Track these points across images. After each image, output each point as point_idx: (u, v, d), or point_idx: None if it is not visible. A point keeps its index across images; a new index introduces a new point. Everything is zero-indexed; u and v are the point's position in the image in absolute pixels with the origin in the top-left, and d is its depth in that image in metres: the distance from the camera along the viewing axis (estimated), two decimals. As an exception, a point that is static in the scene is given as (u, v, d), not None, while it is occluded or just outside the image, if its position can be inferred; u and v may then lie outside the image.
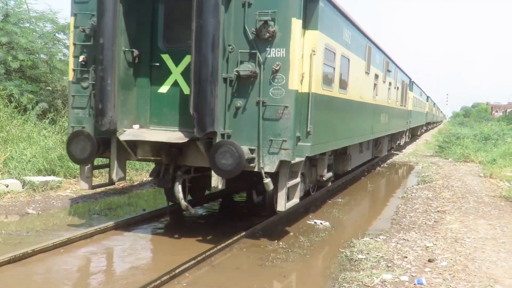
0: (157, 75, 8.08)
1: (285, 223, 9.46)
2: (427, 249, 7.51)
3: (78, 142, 7.78)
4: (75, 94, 8.14)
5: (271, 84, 7.39)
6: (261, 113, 7.41)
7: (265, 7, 7.29)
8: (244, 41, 7.44)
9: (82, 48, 8.04)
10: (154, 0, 8.01)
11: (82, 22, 7.96)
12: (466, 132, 28.50)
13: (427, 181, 14.86)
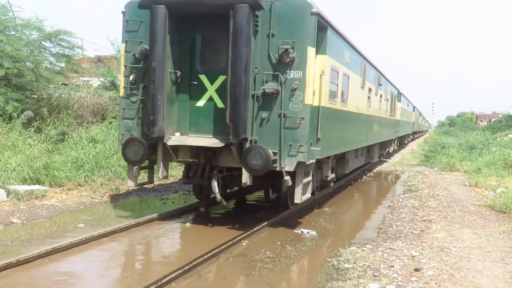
0: (195, 92, 9.63)
1: (273, 233, 9.47)
2: (413, 258, 7.54)
3: (132, 147, 9.28)
4: (125, 107, 9.78)
5: (290, 99, 8.97)
6: (282, 123, 8.98)
7: (286, 38, 8.90)
8: (269, 65, 9.02)
9: (132, 69, 9.68)
10: (193, 31, 9.59)
11: (132, 48, 9.62)
12: (451, 142, 28.70)
13: (413, 190, 14.92)
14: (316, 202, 12.75)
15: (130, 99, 9.75)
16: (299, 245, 8.53)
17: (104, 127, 16.45)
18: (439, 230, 9.47)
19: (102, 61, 28.20)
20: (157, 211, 10.30)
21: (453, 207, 12.03)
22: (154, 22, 8.92)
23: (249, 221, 9.94)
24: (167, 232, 9.30)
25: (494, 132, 48.78)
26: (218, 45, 9.52)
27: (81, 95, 18.12)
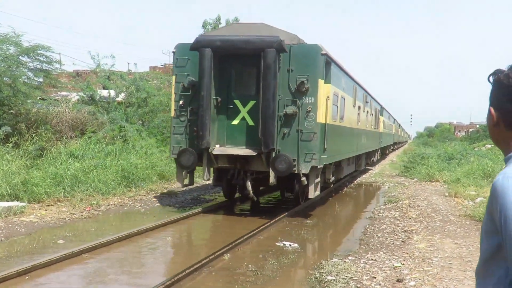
0: (231, 113, 12.21)
1: (254, 245, 9.45)
2: (395, 269, 7.57)
3: (185, 155, 11.87)
4: (175, 125, 12.40)
5: (305, 119, 11.61)
6: (299, 137, 11.62)
7: (302, 72, 11.56)
8: (288, 93, 11.68)
9: (181, 96, 12.29)
10: (229, 67, 12.15)
11: (181, 79, 12.27)
12: (430, 152, 29.01)
13: (393, 201, 15.01)
14: (297, 215, 12.76)
15: (179, 119, 12.35)
16: (282, 258, 8.51)
17: (83, 142, 16.32)
18: (420, 241, 9.53)
19: (81, 76, 28.05)
20: (138, 225, 10.23)
21: (434, 217, 12.13)
22: (202, 60, 11.50)
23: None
24: (154, 243, 9.24)
25: (472, 143, 49.39)
26: (248, 77, 12.26)
27: (59, 110, 17.98)
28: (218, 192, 15.48)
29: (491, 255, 1.87)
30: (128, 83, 22.65)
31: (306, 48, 11.84)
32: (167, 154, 18.00)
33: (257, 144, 11.58)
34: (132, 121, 20.85)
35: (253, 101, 11.93)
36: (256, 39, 11.36)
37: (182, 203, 13.83)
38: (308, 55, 11.74)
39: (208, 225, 11.87)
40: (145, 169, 15.73)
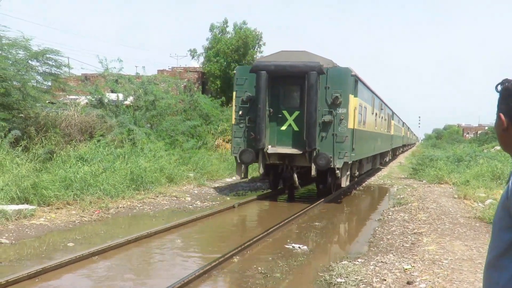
0: (280, 121, 15.27)
1: (263, 247, 9.45)
2: (405, 272, 7.54)
3: (246, 154, 14.92)
4: (235, 131, 15.51)
5: (339, 125, 14.65)
6: (334, 139, 14.67)
7: (336, 89, 14.58)
8: (326, 105, 14.66)
9: (240, 108, 15.35)
10: (278, 84, 15.03)
11: (240, 94, 15.35)
12: (439, 154, 28.84)
13: (402, 203, 14.96)
14: (306, 218, 12.75)
15: (239, 126, 15.39)
16: (291, 260, 8.51)
17: (92, 145, 16.38)
18: (430, 243, 9.49)
19: (89, 79, 28.18)
20: (148, 228, 10.25)
21: (443, 219, 12.08)
22: (259, 80, 14.55)
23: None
24: (163, 245, 9.26)
25: (481, 144, 49.17)
26: (294, 93, 15.34)
27: (68, 114, 18.06)
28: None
29: (506, 250, 1.96)
30: (136, 86, 22.72)
31: (340, 70, 15.09)
32: (176, 157, 18.31)
33: (301, 145, 14.72)
34: (141, 124, 20.91)
35: (298, 111, 15.03)
36: (302, 65, 14.43)
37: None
38: (341, 75, 14.93)
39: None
40: (154, 172, 15.76)
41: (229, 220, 12.59)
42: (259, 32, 38.18)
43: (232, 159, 18.57)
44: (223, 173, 20.57)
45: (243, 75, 15.49)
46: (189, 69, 39.66)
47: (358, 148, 16.11)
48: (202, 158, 20.57)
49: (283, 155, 15.09)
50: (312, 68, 14.24)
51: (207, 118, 26.45)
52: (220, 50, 36.77)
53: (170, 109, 23.69)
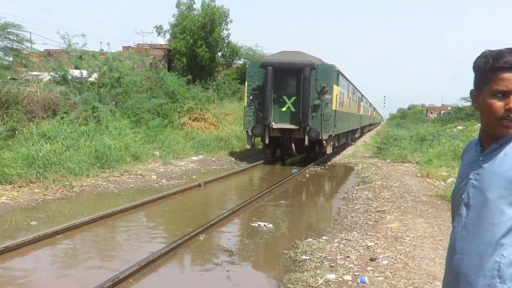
0: (281, 104, 19.58)
1: (228, 226, 9.50)
2: (368, 249, 7.67)
3: (256, 128, 19.27)
4: (247, 111, 19.84)
5: (325, 107, 19.03)
6: (322, 118, 19.02)
7: (324, 80, 18.97)
8: (316, 92, 19.00)
9: (251, 94, 19.62)
10: (280, 76, 19.21)
11: (251, 84, 19.58)
12: (403, 134, 29.24)
13: (367, 182, 15.17)
14: (271, 196, 12.83)
15: (249, 107, 19.84)
16: (257, 238, 8.57)
17: (55, 122, 16.09)
18: (393, 220, 9.67)
19: (52, 55, 27.57)
20: (113, 206, 10.17)
21: (406, 197, 12.30)
22: (266, 73, 19.05)
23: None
24: (128, 224, 9.22)
25: (443, 124, 49.94)
26: (291, 83, 19.56)
27: (31, 90, 17.65)
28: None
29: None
30: (101, 63, 22.33)
31: (326, 66, 19.93)
32: (141, 135, 18.20)
33: (297, 122, 19.31)
34: (105, 101, 20.58)
35: (294, 97, 19.47)
36: (299, 62, 19.14)
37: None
38: (327, 70, 19.68)
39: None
40: (119, 150, 15.58)
41: (195, 198, 12.57)
42: (226, 9, 37.91)
43: (199, 138, 22.64)
44: (189, 151, 20.48)
45: (253, 69, 20.13)
46: (155, 46, 39.18)
47: (338, 125, 21.13)
48: (168, 136, 20.43)
49: (284, 129, 19.66)
50: (306, 65, 19.00)
51: (173, 96, 26.21)
52: (186, 27, 36.41)
53: (136, 87, 23.38)
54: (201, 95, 29.39)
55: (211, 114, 26.83)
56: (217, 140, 23.25)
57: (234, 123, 28.73)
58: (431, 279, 6.26)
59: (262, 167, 19.14)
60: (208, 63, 37.88)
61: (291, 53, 20.05)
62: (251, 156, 21.78)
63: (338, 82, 20.50)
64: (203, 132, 24.65)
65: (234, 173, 16.65)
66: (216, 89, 35.94)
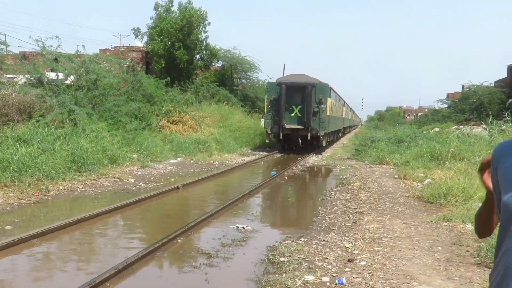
0: (291, 111, 27.44)
1: (207, 228, 9.48)
2: (346, 250, 7.72)
3: (274, 128, 27.05)
4: (267, 115, 27.87)
5: (322, 113, 27.31)
6: (320, 121, 27.20)
7: (320, 95, 27.40)
8: (315, 103, 27.16)
9: (269, 103, 27.61)
10: (290, 92, 27.14)
11: (269, 96, 27.71)
12: (380, 135, 29.48)
13: (345, 184, 15.26)
14: (250, 197, 12.83)
15: (268, 113, 27.38)
16: (235, 240, 8.57)
17: (31, 125, 15.90)
18: (371, 222, 9.74)
19: (28, 58, 27.23)
20: (90, 209, 10.08)
21: (384, 199, 12.40)
22: (281, 89, 26.87)
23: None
24: (106, 227, 9.14)
25: (420, 126, 50.33)
26: (298, 96, 27.15)
27: (5, 93, 17.44)
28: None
29: None
30: (77, 65, 22.14)
31: (323, 85, 28.08)
32: (119, 138, 18.03)
33: (302, 124, 27.15)
34: (82, 104, 20.40)
35: (300, 106, 27.39)
36: (303, 82, 27.24)
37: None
38: (323, 87, 27.96)
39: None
40: (96, 153, 15.46)
41: (173, 201, 12.53)
42: (204, 12, 37.84)
43: (177, 141, 22.90)
44: (168, 154, 20.40)
45: (271, 86, 28.47)
46: (133, 49, 38.98)
47: (330, 125, 30.16)
48: (146, 139, 20.33)
49: (293, 128, 27.49)
50: (309, 84, 27.27)
51: (151, 98, 26.07)
52: (164, 29, 36.28)
53: (113, 90, 23.20)
54: (179, 98, 29.32)
55: (189, 117, 26.80)
56: (195, 143, 23.24)
57: (213, 126, 28.73)
58: (408, 279, 6.32)
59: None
60: (186, 66, 37.80)
61: (297, 75, 28.72)
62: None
63: (330, 95, 29.35)
64: (182, 135, 24.60)
65: (213, 176, 16.63)
66: (194, 91, 35.93)
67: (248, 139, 31.15)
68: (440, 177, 13.90)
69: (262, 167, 21.32)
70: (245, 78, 49.28)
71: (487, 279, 6.04)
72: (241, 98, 43.64)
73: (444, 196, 11.66)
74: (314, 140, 27.75)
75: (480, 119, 40.23)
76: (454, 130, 32.97)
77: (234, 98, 40.27)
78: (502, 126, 20.08)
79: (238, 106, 39.08)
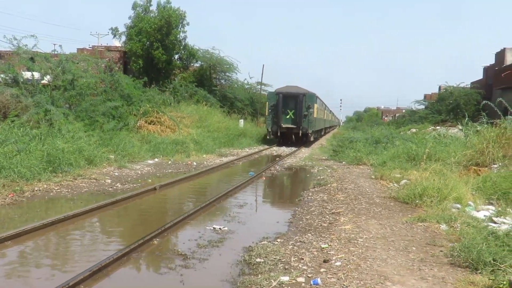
0: (286, 114, 35.61)
1: (184, 229, 9.46)
2: (322, 250, 7.77)
3: (273, 127, 35.39)
4: (267, 118, 36.59)
5: (310, 116, 35.86)
6: (309, 121, 35.74)
7: (309, 102, 35.87)
8: (305, 108, 35.49)
9: (270, 108, 35.93)
10: (285, 99, 35.51)
11: (270, 103, 36.23)
12: (358, 136, 29.69)
13: (322, 184, 15.34)
14: (226, 198, 12.84)
15: (269, 116, 35.80)
16: (211, 241, 8.56)
17: (6, 125, 15.71)
18: (347, 222, 9.81)
19: (3, 57, 26.91)
20: (65, 211, 9.99)
21: (360, 199, 12.50)
22: (279, 97, 35.38)
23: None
24: (82, 229, 9.07)
25: (398, 127, 50.81)
26: (292, 102, 35.49)
27: (-20, 92, 17.21)
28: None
29: None
30: (54, 65, 21.93)
31: (311, 94, 36.43)
32: (95, 138, 17.91)
33: (295, 124, 35.11)
34: (58, 104, 20.21)
35: (293, 110, 35.28)
36: (296, 92, 35.71)
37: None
38: (311, 96, 36.31)
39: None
40: (72, 154, 15.33)
41: (150, 202, 12.48)
42: (182, 11, 37.70)
43: (155, 142, 22.79)
44: (145, 155, 20.32)
45: (271, 95, 36.78)
46: (110, 48, 38.72)
47: (316, 125, 39.27)
48: (123, 139, 20.23)
49: (288, 127, 35.29)
50: (300, 93, 35.45)
51: (128, 98, 25.92)
52: (142, 29, 36.09)
53: (90, 89, 23.03)
54: (158, 98, 29.24)
55: (167, 117, 26.70)
56: (173, 143, 23.19)
57: (191, 126, 28.68)
58: (382, 279, 6.38)
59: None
60: (165, 66, 37.65)
61: (291, 87, 36.80)
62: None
63: (316, 101, 38.10)
64: (160, 135, 24.52)
65: (191, 176, 16.59)
66: (173, 92, 35.83)
67: (227, 139, 31.15)
68: (416, 177, 14.06)
69: (240, 168, 21.34)
70: (224, 78, 49.34)
71: (460, 279, 6.10)
72: (220, 98, 43.65)
73: (420, 197, 11.80)
74: (304, 136, 36.19)
75: (456, 120, 40.80)
76: (430, 131, 33.32)
77: (212, 98, 40.27)
78: (478, 127, 20.32)
79: (217, 106, 39.14)
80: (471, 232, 8.44)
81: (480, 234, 8.15)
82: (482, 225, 9.22)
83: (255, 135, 39.26)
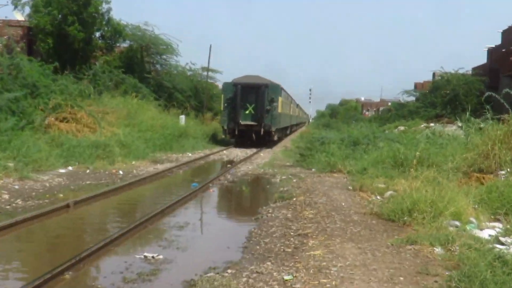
0: (245, 108, 39.33)
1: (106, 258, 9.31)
2: (285, 283, 7.73)
3: (230, 124, 38.76)
4: (223, 113, 39.97)
5: (274, 110, 40.08)
6: (272, 117, 39.67)
7: (272, 94, 40.02)
8: (267, 102, 39.29)
9: (226, 101, 39.42)
10: (244, 91, 38.82)
11: (226, 96, 39.78)
12: (332, 136, 29.75)
13: (286, 198, 15.33)
14: (163, 215, 12.73)
15: (225, 111, 39.12)
16: (142, 274, 8.44)
17: None
18: (317, 246, 9.81)
19: None
20: None
21: (334, 216, 12.53)
22: (236, 89, 38.76)
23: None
24: None
25: (382, 124, 51.32)
26: (252, 95, 39.10)
27: None
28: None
29: None
30: None
31: (275, 85, 41.23)
32: None
33: (256, 120, 38.46)
34: None
35: (254, 104, 38.83)
36: (257, 82, 39.34)
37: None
38: (275, 87, 40.99)
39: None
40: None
41: (62, 224, 12.28)
42: (105, -24, 37.31)
43: (69, 145, 22.25)
44: (56, 162, 19.95)
45: (227, 86, 39.96)
46: (10, 23, 37.95)
47: (281, 122, 43.02)
48: (26, 142, 19.83)
49: (248, 125, 37.95)
50: (262, 84, 38.69)
51: (34, 89, 25.45)
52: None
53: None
54: (73, 88, 28.87)
55: (85, 113, 26.37)
56: (93, 146, 22.88)
57: (117, 125, 28.40)
58: (362, 319, 6.39)
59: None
60: (83, 46, 37.15)
61: (251, 76, 40.31)
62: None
63: (281, 94, 41.97)
64: (75, 136, 24.16)
65: (116, 189, 16.40)
66: (93, 80, 35.33)
67: (164, 141, 30.97)
68: (404, 188, 14.14)
69: (180, 178, 21.22)
70: (160, 62, 49.14)
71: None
72: (155, 88, 43.48)
73: (409, 213, 11.86)
74: (266, 135, 39.19)
75: (454, 115, 41.36)
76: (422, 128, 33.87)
77: (145, 88, 40.06)
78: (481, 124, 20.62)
79: (151, 99, 38.94)
80: (473, 257, 8.52)
81: (484, 259, 8.23)
82: (487, 247, 9.31)
83: (201, 135, 39.37)
